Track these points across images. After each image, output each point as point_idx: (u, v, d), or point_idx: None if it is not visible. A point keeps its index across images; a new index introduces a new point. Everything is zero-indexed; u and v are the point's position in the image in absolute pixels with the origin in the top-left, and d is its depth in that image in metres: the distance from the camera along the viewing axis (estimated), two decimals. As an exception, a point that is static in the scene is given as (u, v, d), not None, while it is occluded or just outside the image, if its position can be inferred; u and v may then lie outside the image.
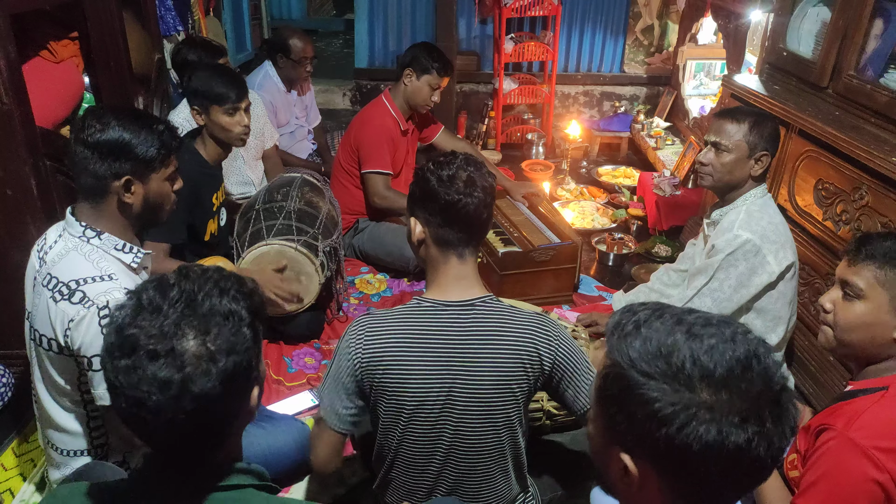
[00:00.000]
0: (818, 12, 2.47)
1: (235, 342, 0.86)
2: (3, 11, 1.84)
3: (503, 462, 1.42)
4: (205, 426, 0.86)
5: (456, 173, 1.37)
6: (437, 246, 1.40)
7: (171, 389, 0.81)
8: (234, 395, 0.87)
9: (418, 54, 2.97)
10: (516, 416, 1.39)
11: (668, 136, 4.31)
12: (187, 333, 0.83)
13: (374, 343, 1.34)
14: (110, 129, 1.46)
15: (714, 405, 0.72)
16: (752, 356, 0.75)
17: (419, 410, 1.36)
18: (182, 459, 0.90)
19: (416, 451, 1.40)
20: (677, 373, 0.74)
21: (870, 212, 1.99)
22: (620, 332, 0.80)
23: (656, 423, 0.73)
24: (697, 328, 0.78)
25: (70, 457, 1.59)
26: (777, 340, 2.09)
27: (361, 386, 1.37)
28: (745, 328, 0.80)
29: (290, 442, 1.84)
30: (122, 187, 1.48)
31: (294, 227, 2.39)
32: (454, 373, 1.34)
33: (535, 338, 1.35)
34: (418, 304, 1.38)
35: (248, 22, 5.72)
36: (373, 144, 2.96)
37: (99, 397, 1.43)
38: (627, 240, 3.36)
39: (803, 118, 2.28)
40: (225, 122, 2.24)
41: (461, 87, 4.99)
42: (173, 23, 3.42)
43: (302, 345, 2.54)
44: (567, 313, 2.73)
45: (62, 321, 1.40)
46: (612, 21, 4.91)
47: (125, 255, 1.52)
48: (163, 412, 0.82)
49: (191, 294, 0.86)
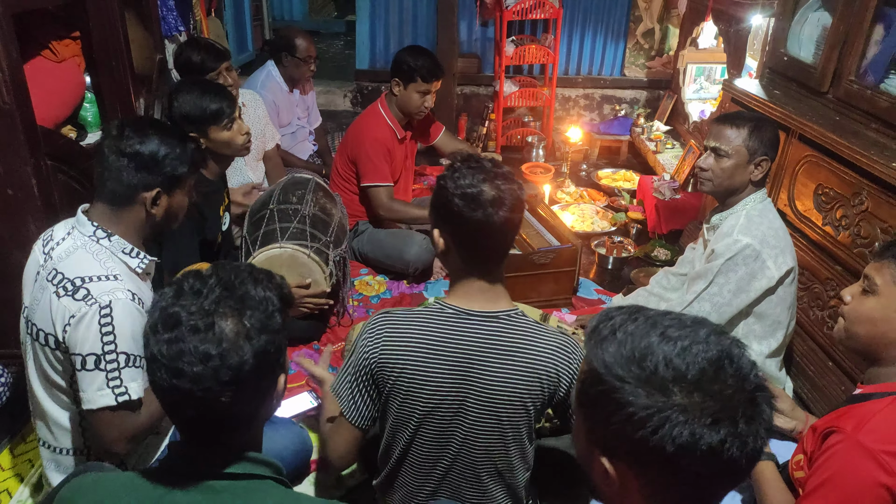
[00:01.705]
0: (819, 17, 2.48)
1: (269, 324, 0.93)
2: (6, 11, 1.84)
3: (508, 474, 1.42)
4: (236, 402, 0.91)
5: (480, 190, 1.28)
6: (461, 259, 1.37)
7: (211, 360, 0.88)
8: (266, 374, 0.94)
9: (402, 61, 2.89)
10: (526, 431, 1.39)
11: (668, 140, 4.32)
12: (226, 312, 0.91)
13: (392, 344, 1.33)
14: (150, 141, 1.49)
15: (687, 407, 0.73)
16: (725, 357, 0.76)
17: (431, 415, 1.35)
18: (209, 441, 0.95)
19: (424, 454, 1.40)
20: (650, 376, 0.75)
21: (869, 217, 2.00)
22: (597, 337, 0.81)
23: (631, 427, 0.74)
24: (672, 331, 0.78)
25: (62, 455, 1.59)
26: (776, 345, 2.09)
27: (377, 384, 1.37)
28: (719, 328, 0.80)
29: (288, 445, 1.84)
30: (150, 199, 1.51)
31: (308, 233, 2.37)
32: (470, 382, 1.33)
33: (557, 358, 1.34)
34: (441, 310, 1.36)
35: (249, 22, 5.73)
36: (370, 159, 2.93)
37: (86, 400, 1.41)
38: (627, 243, 3.36)
39: (803, 123, 2.29)
40: (227, 137, 2.14)
41: (462, 90, 4.99)
42: (175, 23, 3.42)
43: (301, 346, 2.54)
44: (566, 316, 2.73)
45: (63, 317, 1.40)
46: (613, 24, 4.92)
47: (132, 260, 1.53)
48: (202, 381, 0.88)
49: (228, 281, 0.94)
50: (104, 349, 1.39)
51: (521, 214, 1.35)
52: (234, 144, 2.18)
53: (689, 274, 2.27)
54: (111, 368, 1.40)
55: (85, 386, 1.41)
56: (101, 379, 1.40)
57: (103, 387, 1.40)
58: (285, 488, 0.97)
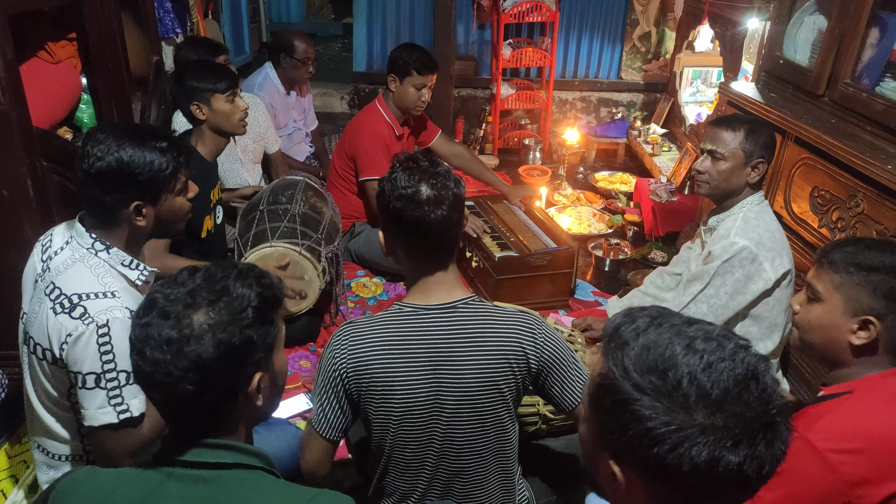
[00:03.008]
0: (815, 21, 2.49)
1: (238, 318, 0.94)
2: (2, 12, 1.84)
3: (495, 463, 1.42)
4: (200, 390, 0.92)
5: (417, 190, 1.31)
6: (409, 258, 1.39)
7: (171, 346, 0.90)
8: (233, 366, 0.94)
9: (397, 57, 2.94)
10: (507, 416, 1.39)
11: (664, 143, 4.33)
12: (197, 302, 0.93)
13: (358, 351, 1.33)
14: (109, 155, 1.38)
15: (708, 427, 0.72)
16: (751, 377, 0.74)
17: (408, 414, 1.35)
18: (193, 433, 0.96)
19: (408, 455, 1.40)
20: (672, 391, 0.73)
21: (865, 219, 2.00)
22: (618, 340, 0.79)
23: (648, 441, 0.73)
24: (698, 343, 0.76)
25: (59, 461, 1.57)
26: (773, 347, 2.09)
27: (349, 394, 1.36)
28: (745, 342, 0.78)
29: (283, 447, 1.83)
30: (132, 213, 1.44)
31: (298, 231, 2.39)
32: (441, 375, 1.33)
33: (521, 336, 1.35)
34: (399, 310, 1.37)
35: (246, 24, 5.72)
36: (368, 153, 2.95)
37: (88, 417, 1.38)
38: (624, 245, 3.36)
39: (799, 126, 2.29)
40: (228, 108, 2.29)
41: (459, 92, 5.00)
42: (172, 25, 3.42)
43: (297, 347, 2.53)
44: (563, 318, 2.73)
45: (59, 334, 1.37)
46: (610, 28, 4.93)
47: (131, 272, 1.49)
48: (160, 365, 0.91)
49: (213, 274, 0.97)
50: (104, 368, 1.36)
51: (461, 211, 1.36)
52: (233, 118, 2.31)
53: (685, 275, 2.27)
54: (112, 387, 1.37)
55: (86, 404, 1.38)
56: (102, 397, 1.37)
57: (104, 405, 1.37)
58: (276, 478, 0.98)
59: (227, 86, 2.27)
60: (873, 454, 1.15)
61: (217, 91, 2.25)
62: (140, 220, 1.46)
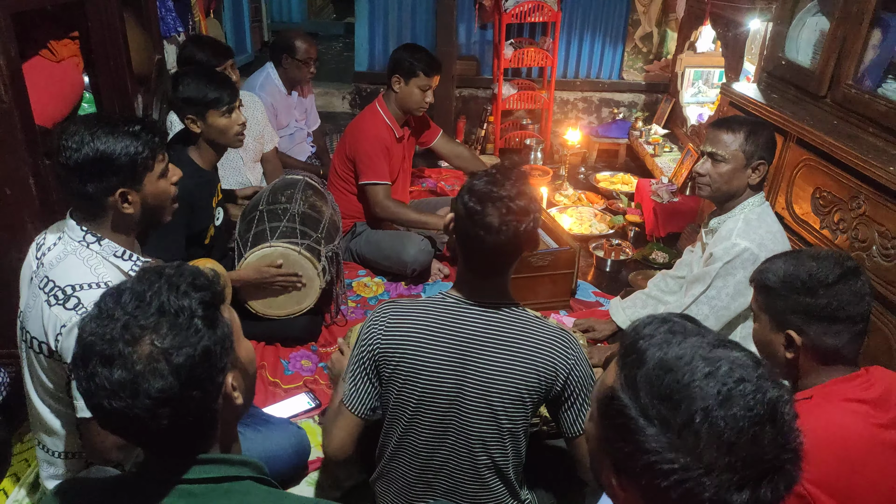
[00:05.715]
0: (817, 22, 2.49)
1: (187, 336, 0.85)
2: (5, 11, 1.84)
3: (503, 467, 1.42)
4: (176, 419, 0.85)
5: (483, 213, 1.30)
6: (463, 259, 1.41)
7: (126, 390, 0.82)
8: (197, 386, 0.86)
9: (401, 58, 2.92)
10: (522, 425, 1.39)
11: (665, 144, 4.33)
12: (136, 334, 0.83)
13: (393, 330, 1.36)
14: (84, 146, 1.39)
15: (714, 468, 0.69)
16: (769, 418, 0.70)
17: (428, 402, 1.36)
18: (168, 453, 0.90)
19: (421, 444, 1.41)
20: (682, 428, 0.70)
21: (867, 220, 2.00)
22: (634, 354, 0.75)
23: (651, 474, 0.71)
24: (721, 369, 0.71)
25: (59, 458, 1.58)
26: (773, 348, 2.09)
27: (379, 370, 1.38)
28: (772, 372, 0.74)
29: (286, 446, 1.84)
30: (117, 200, 1.45)
31: (298, 230, 2.38)
32: (468, 371, 1.34)
33: (556, 353, 1.35)
34: (443, 299, 1.39)
35: (248, 24, 5.73)
36: (368, 156, 2.94)
37: (80, 408, 1.39)
38: (625, 246, 3.36)
39: (801, 127, 2.29)
40: (223, 124, 2.22)
41: (460, 92, 4.99)
42: (173, 24, 3.41)
43: (299, 347, 2.53)
44: (564, 318, 2.73)
45: (55, 326, 1.38)
46: (612, 28, 4.93)
47: (124, 263, 1.49)
48: (124, 414, 0.82)
49: (140, 295, 0.86)
50: None
51: (522, 242, 1.35)
52: (229, 133, 2.24)
53: (687, 277, 2.27)
54: None
55: (78, 395, 1.38)
56: None
57: None
58: (268, 487, 0.95)
59: (224, 101, 2.19)
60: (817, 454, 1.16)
61: (212, 108, 2.18)
62: (127, 206, 1.46)
